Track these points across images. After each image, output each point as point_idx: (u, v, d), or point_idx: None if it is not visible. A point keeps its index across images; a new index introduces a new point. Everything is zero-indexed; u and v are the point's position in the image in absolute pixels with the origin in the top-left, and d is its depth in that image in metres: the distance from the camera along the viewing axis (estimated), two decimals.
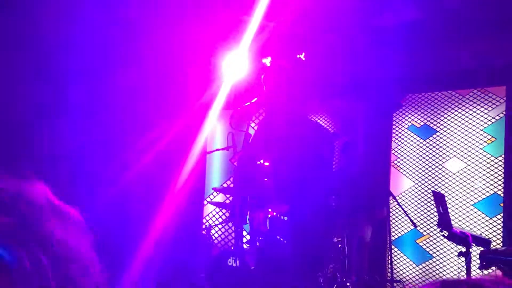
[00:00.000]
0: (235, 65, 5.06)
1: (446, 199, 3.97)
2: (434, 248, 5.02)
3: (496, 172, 4.68)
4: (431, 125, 5.11)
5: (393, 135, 5.36)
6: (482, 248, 3.61)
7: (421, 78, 5.12)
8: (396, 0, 3.92)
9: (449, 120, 4.99)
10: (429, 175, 5.10)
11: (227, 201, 6.29)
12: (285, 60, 4.95)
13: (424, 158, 5.15)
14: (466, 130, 4.87)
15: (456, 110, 4.96)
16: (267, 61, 5.23)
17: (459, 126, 4.91)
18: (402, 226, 5.24)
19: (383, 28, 4.28)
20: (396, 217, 5.24)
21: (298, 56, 4.88)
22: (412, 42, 4.57)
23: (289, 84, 2.86)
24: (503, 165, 4.64)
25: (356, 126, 5.62)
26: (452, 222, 3.86)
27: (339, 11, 4.37)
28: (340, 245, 4.42)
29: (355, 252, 4.59)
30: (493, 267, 3.57)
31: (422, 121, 5.19)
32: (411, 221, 4.28)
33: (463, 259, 3.61)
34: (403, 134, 5.31)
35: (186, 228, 6.30)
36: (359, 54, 5.10)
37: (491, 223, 4.66)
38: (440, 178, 5.02)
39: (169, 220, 5.40)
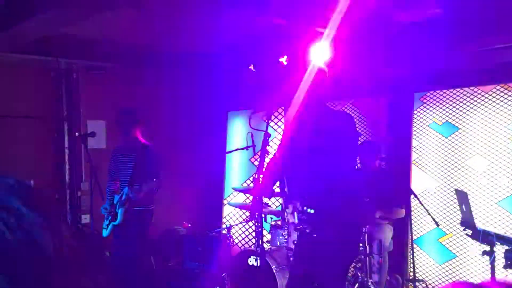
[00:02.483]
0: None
1: (469, 197, 3.91)
2: (458, 247, 4.94)
3: None
4: (453, 122, 5.04)
5: (414, 132, 5.29)
6: (506, 247, 3.54)
7: (442, 75, 5.05)
8: None
9: (471, 117, 4.91)
10: (452, 173, 5.03)
11: (247, 201, 6.31)
12: (304, 58, 4.94)
13: (446, 156, 5.08)
14: (489, 127, 4.78)
15: (478, 107, 4.87)
16: (283, 60, 5.22)
17: (482, 123, 4.83)
18: (424, 225, 5.18)
19: (405, 24, 4.23)
20: (418, 215, 5.19)
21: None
22: (434, 38, 4.50)
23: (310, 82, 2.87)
24: None
25: (377, 124, 5.58)
26: (476, 221, 3.80)
27: (361, 8, 4.33)
28: (361, 245, 4.40)
29: (376, 251, 4.56)
30: None
31: (443, 118, 5.12)
32: (434, 219, 4.23)
33: (487, 258, 3.55)
34: (424, 132, 5.24)
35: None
36: (379, 51, 5.05)
37: None
38: (463, 176, 4.94)
39: None
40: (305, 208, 2.53)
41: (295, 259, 3.24)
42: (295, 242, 3.39)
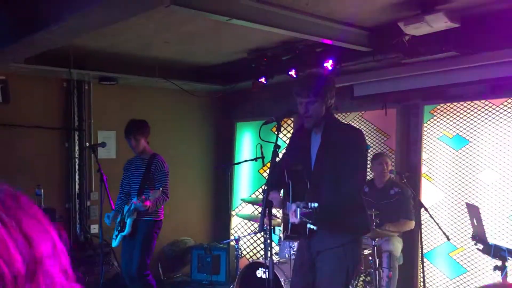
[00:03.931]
0: None
1: (481, 211, 3.87)
2: (469, 261, 4.88)
3: None
4: (464, 135, 5.01)
5: (424, 145, 5.26)
6: None
7: (453, 87, 5.03)
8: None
9: (482, 130, 4.88)
10: (463, 187, 4.98)
11: (256, 212, 6.30)
12: (313, 69, 4.96)
13: (457, 169, 5.04)
14: (500, 141, 4.74)
15: (489, 120, 4.84)
16: (292, 72, 5.24)
17: (493, 137, 4.79)
18: (435, 239, 5.13)
19: (416, 36, 4.23)
20: (428, 229, 5.13)
21: (325, 64, 4.87)
22: (445, 50, 4.49)
23: (318, 90, 2.90)
24: None
25: (387, 136, 5.56)
26: (487, 235, 3.76)
27: (367, 15, 4.35)
28: (370, 258, 4.36)
29: (386, 264, 4.52)
30: None
31: (454, 131, 5.09)
32: (444, 233, 4.19)
33: (498, 273, 3.50)
34: (434, 145, 5.21)
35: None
36: (389, 62, 5.05)
37: None
38: (473, 189, 4.89)
39: None
40: (308, 203, 2.54)
41: (295, 267, 3.25)
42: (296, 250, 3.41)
